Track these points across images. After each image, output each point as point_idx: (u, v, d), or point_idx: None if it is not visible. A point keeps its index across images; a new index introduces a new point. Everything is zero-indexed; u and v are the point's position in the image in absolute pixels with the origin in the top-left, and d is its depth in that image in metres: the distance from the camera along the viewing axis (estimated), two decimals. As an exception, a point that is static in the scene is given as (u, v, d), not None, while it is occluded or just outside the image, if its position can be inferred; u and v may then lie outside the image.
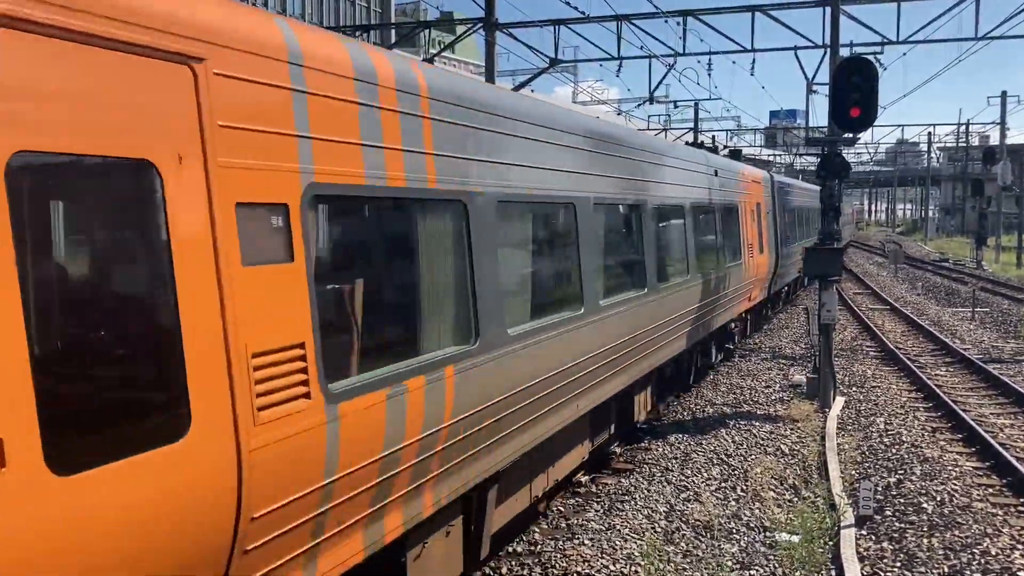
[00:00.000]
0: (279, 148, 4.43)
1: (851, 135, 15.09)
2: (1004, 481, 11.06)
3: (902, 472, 11.21)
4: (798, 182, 34.38)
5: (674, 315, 12.00)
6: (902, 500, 10.18)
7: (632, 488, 10.38)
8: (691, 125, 48.79)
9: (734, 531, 9.26)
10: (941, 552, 8.69)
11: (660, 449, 12.11)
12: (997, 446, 12.05)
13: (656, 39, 25.88)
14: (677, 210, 12.50)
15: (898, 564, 8.53)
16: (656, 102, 35.56)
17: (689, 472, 11.06)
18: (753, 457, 11.82)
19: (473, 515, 6.99)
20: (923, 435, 13.08)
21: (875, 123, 14.51)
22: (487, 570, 8.26)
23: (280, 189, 4.40)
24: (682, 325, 12.72)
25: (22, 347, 3.14)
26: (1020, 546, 8.82)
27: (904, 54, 58.17)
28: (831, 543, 9.00)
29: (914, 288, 35.92)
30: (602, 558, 8.36)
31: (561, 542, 8.77)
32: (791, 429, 13.35)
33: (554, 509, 9.89)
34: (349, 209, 5.38)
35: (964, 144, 74.83)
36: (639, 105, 40.25)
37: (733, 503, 10.08)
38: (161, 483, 3.61)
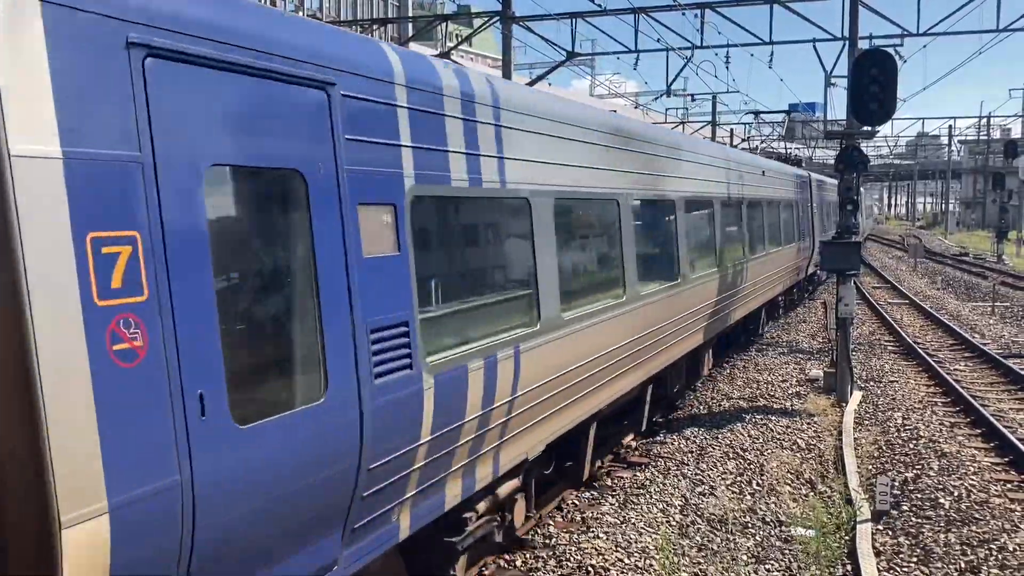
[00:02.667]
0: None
1: (870, 128, 14.99)
2: (1023, 477, 10.99)
3: (919, 467, 11.16)
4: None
5: None
6: (919, 495, 10.13)
7: (647, 482, 10.38)
8: (709, 118, 48.60)
9: (749, 525, 9.25)
10: (958, 547, 8.65)
11: (675, 443, 12.10)
12: (1016, 441, 11.95)
13: (673, 32, 25.79)
14: None
15: (915, 559, 8.50)
16: (673, 95, 35.38)
17: (704, 466, 11.04)
18: (769, 451, 11.79)
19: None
20: (941, 430, 13.01)
21: (895, 116, 14.45)
22: (501, 563, 8.30)
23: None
24: None
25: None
26: (1038, 542, 8.77)
27: (924, 46, 57.54)
28: (847, 538, 8.98)
29: (934, 282, 35.66)
30: (616, 551, 8.37)
31: (576, 535, 8.79)
32: (808, 424, 13.30)
33: (569, 502, 9.91)
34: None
35: (985, 137, 74.13)
36: (656, 98, 40.10)
37: (748, 497, 10.06)
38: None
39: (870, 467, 11.43)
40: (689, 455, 11.52)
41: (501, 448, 7.08)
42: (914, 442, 12.31)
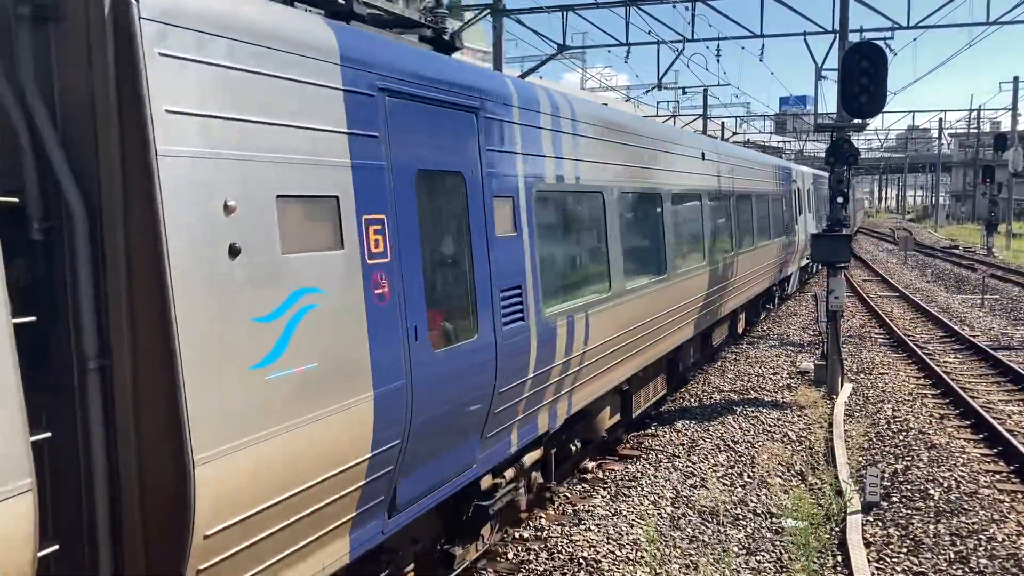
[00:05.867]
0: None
1: (860, 121, 15.01)
2: (1012, 468, 11.04)
3: (909, 459, 11.21)
4: None
5: None
6: (909, 486, 10.18)
7: (638, 474, 10.41)
8: (700, 111, 48.59)
9: (740, 517, 9.28)
10: (947, 538, 8.69)
11: (666, 436, 12.13)
12: (1005, 433, 12.01)
13: (664, 24, 25.86)
14: None
15: (904, 550, 8.54)
16: (664, 88, 35.46)
17: (696, 458, 11.07)
18: (760, 444, 11.83)
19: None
20: (931, 422, 13.06)
21: (885, 109, 14.46)
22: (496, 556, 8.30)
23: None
24: None
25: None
26: (1027, 532, 8.82)
27: (914, 39, 57.62)
28: (837, 529, 9.02)
29: (923, 275, 35.78)
30: (608, 543, 8.39)
31: (567, 527, 8.80)
32: (798, 416, 13.35)
33: (561, 495, 9.93)
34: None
35: (975, 130, 74.37)
36: (647, 92, 40.11)
37: (739, 489, 10.09)
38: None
39: (860, 459, 11.47)
40: (680, 447, 11.54)
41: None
42: (904, 434, 12.36)
